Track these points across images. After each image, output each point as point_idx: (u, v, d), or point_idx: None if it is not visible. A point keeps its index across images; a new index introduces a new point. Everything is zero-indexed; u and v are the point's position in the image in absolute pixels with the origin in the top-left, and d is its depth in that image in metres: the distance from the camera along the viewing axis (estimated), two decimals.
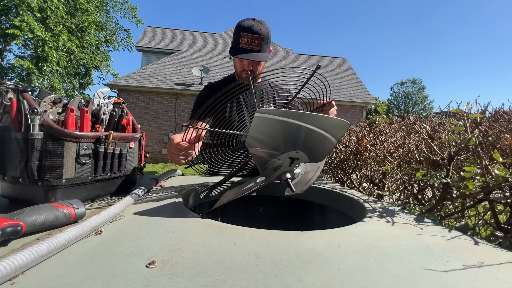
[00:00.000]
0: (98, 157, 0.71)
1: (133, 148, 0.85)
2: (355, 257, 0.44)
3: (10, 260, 0.33)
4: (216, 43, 14.54)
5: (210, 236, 0.50)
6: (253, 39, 1.08)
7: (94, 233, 0.49)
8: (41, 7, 12.36)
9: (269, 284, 0.35)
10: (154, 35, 15.52)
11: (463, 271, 0.41)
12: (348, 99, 12.73)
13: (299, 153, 0.64)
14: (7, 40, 12.83)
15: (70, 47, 13.73)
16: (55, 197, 0.63)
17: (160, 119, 11.09)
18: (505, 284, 0.38)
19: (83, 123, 0.70)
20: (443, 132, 1.09)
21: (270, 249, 0.46)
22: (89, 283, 0.34)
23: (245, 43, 1.09)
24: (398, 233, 0.56)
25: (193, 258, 0.41)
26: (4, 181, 0.65)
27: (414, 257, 0.45)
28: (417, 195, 1.08)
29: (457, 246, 0.51)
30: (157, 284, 0.34)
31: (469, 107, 0.92)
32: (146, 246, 0.45)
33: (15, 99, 0.62)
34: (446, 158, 0.92)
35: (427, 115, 1.47)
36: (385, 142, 1.29)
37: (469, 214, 1.05)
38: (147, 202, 0.73)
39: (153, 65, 11.88)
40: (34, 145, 0.60)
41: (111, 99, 0.84)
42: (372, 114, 13.99)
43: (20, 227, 0.44)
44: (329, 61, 16.38)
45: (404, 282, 0.37)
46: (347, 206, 0.89)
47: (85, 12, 14.66)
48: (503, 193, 0.78)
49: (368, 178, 1.45)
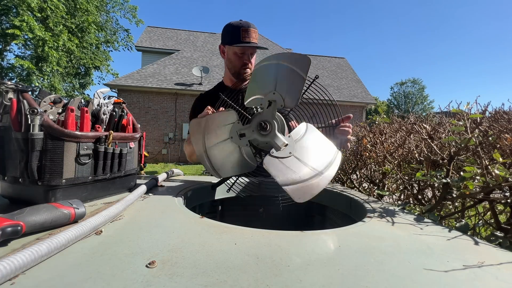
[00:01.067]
0: (98, 157, 0.71)
1: (133, 148, 0.85)
2: (355, 257, 0.44)
3: (10, 260, 0.33)
4: (216, 43, 14.54)
5: (210, 236, 0.50)
6: (253, 33, 1.19)
7: (94, 233, 0.49)
8: (41, 7, 12.36)
9: (269, 284, 0.35)
10: (154, 35, 15.52)
11: (463, 271, 0.41)
12: (348, 99, 12.73)
13: (275, 94, 0.74)
14: (7, 40, 12.83)
15: (70, 47, 13.74)
16: (55, 197, 0.63)
17: (160, 119, 11.09)
18: (505, 284, 0.38)
19: (83, 123, 0.70)
20: (443, 132, 1.09)
21: (270, 249, 0.46)
22: (89, 283, 0.34)
23: (246, 36, 1.18)
24: (398, 233, 0.56)
25: (193, 258, 0.41)
26: (4, 181, 0.65)
27: (414, 257, 0.45)
28: (417, 195, 1.08)
29: (457, 246, 0.51)
30: (157, 284, 0.34)
31: (469, 107, 0.92)
32: (146, 246, 0.45)
33: (15, 99, 0.62)
34: (446, 158, 0.92)
35: (427, 115, 1.47)
36: (385, 142, 1.29)
37: (469, 214, 1.05)
38: (147, 202, 0.73)
39: (153, 65, 11.88)
40: (34, 145, 0.60)
41: (111, 99, 0.84)
42: (372, 114, 14.00)
43: (20, 227, 0.44)
44: (329, 61, 16.38)
45: (404, 282, 0.37)
46: (347, 206, 0.89)
47: (85, 12, 14.66)
48: (503, 193, 0.78)
49: (368, 178, 1.45)
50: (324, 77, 14.14)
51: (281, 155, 0.70)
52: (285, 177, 0.65)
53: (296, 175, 0.65)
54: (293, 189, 0.63)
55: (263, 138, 0.75)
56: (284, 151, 0.70)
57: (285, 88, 0.74)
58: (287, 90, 0.74)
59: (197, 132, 0.80)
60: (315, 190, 0.63)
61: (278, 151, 0.71)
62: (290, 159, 0.69)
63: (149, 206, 0.69)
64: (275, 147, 0.72)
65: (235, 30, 1.19)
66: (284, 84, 0.75)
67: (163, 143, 10.97)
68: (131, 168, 0.84)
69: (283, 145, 0.72)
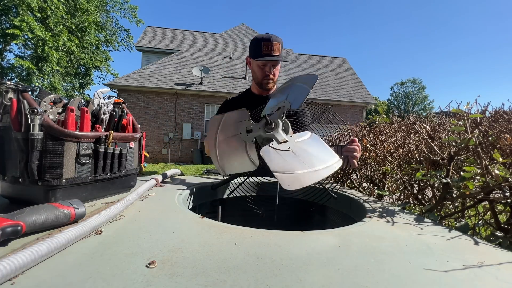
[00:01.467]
0: (98, 157, 0.71)
1: (133, 148, 0.85)
2: (355, 257, 0.44)
3: (10, 260, 0.33)
4: (216, 43, 14.54)
5: (210, 236, 0.50)
6: (274, 46, 1.27)
7: (94, 233, 0.49)
8: (41, 7, 12.36)
9: (269, 284, 0.35)
10: (154, 35, 15.52)
11: (463, 271, 0.41)
12: (348, 99, 12.73)
13: (285, 101, 0.87)
14: (7, 40, 12.84)
15: (70, 47, 13.74)
16: (55, 197, 0.63)
17: (160, 119, 11.09)
18: (505, 284, 0.38)
19: (83, 123, 0.70)
20: (443, 132, 1.09)
21: (270, 249, 0.46)
22: (89, 283, 0.34)
23: (266, 50, 1.27)
24: (398, 233, 0.56)
25: (193, 258, 0.41)
26: (4, 181, 0.65)
27: (414, 257, 0.45)
28: (417, 195, 1.08)
29: (457, 246, 0.51)
30: (157, 284, 0.34)
31: (469, 107, 0.92)
32: (146, 246, 0.45)
33: (15, 99, 0.62)
34: (446, 158, 0.92)
35: (427, 115, 1.47)
36: (385, 142, 1.29)
37: (469, 214, 1.05)
38: (147, 202, 0.73)
39: (153, 65, 11.88)
40: (34, 145, 0.60)
41: (111, 99, 0.84)
42: (372, 114, 13.99)
43: (20, 227, 0.44)
44: (329, 61, 16.38)
45: (404, 282, 0.37)
46: (347, 206, 0.89)
47: (85, 12, 14.66)
48: (503, 193, 0.78)
49: (368, 178, 1.45)
50: (324, 77, 14.13)
51: (279, 148, 0.72)
52: (278, 165, 0.65)
53: (289, 165, 0.65)
54: (282, 176, 0.62)
55: (267, 134, 0.79)
56: (283, 145, 0.73)
57: (294, 97, 0.88)
58: (294, 98, 0.88)
59: (212, 127, 0.91)
60: (305, 182, 0.62)
61: (278, 144, 0.74)
62: (288, 153, 0.69)
63: (149, 206, 0.69)
64: (276, 140, 0.75)
65: (258, 43, 1.28)
66: (293, 94, 0.90)
67: (163, 143, 10.97)
68: (131, 168, 0.84)
69: (283, 140, 0.74)
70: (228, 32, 15.60)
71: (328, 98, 12.50)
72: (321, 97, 12.47)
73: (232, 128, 0.87)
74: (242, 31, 15.93)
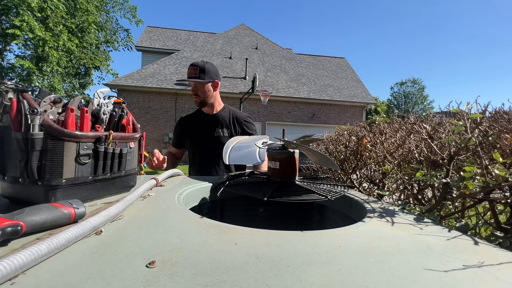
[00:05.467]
0: (98, 157, 0.71)
1: (133, 148, 0.85)
2: (355, 257, 0.44)
3: (10, 260, 0.33)
4: (216, 43, 14.54)
5: (210, 236, 0.50)
6: (191, 69, 1.57)
7: (94, 233, 0.49)
8: (41, 7, 12.36)
9: (269, 284, 0.35)
10: (154, 35, 15.52)
11: (463, 271, 0.41)
12: (348, 99, 12.73)
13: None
14: (7, 40, 12.84)
15: (70, 47, 13.74)
16: (55, 197, 0.63)
17: (160, 119, 11.10)
18: (505, 284, 0.38)
19: (83, 123, 0.70)
20: (443, 132, 1.09)
21: (270, 249, 0.46)
22: (89, 283, 0.34)
23: (187, 73, 1.59)
24: (398, 233, 0.56)
25: (193, 258, 0.41)
26: (4, 181, 0.65)
27: (414, 257, 0.45)
28: (417, 195, 1.08)
29: (457, 246, 0.51)
30: (157, 284, 0.34)
31: (469, 107, 0.92)
32: (146, 246, 0.45)
33: (15, 99, 0.62)
34: (446, 158, 0.92)
35: (427, 115, 1.47)
36: (385, 142, 1.29)
37: (469, 214, 1.05)
38: (147, 202, 0.73)
39: (153, 65, 11.88)
40: (34, 145, 0.60)
41: (111, 99, 0.84)
42: (372, 114, 13.97)
43: (20, 227, 0.44)
44: (329, 61, 16.38)
45: (404, 282, 0.37)
46: (347, 206, 0.89)
47: (85, 12, 14.66)
48: (503, 193, 0.78)
49: (368, 178, 1.45)
50: (324, 77, 14.13)
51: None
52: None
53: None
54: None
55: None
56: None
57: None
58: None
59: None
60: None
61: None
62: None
63: (149, 206, 0.69)
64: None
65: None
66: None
67: (163, 143, 10.97)
68: (131, 168, 0.84)
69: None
70: (228, 32, 15.61)
71: (328, 98, 12.50)
72: (321, 97, 12.47)
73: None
74: (242, 31, 15.93)
